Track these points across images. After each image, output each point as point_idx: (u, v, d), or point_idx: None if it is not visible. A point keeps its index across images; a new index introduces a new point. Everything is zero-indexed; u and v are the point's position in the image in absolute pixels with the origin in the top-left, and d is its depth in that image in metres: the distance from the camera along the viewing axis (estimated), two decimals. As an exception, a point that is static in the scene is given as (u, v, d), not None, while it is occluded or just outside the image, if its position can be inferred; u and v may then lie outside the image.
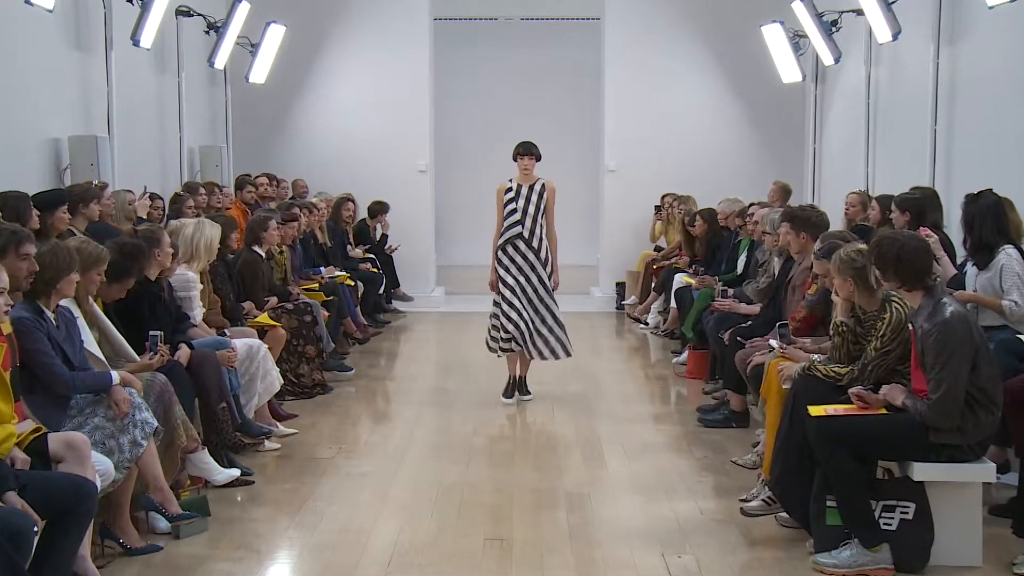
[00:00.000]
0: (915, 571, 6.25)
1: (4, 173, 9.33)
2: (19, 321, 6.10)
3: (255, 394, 8.95)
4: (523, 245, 10.45)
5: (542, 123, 17.77)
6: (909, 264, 6.33)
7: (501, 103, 18.87)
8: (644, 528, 7.13)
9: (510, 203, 10.48)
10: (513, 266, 10.48)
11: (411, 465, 8.58)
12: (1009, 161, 9.91)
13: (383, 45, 16.75)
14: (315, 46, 16.72)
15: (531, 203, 10.46)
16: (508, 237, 10.47)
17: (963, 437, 6.23)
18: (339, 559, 6.57)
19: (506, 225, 10.49)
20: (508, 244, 10.48)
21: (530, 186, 10.50)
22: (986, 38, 10.88)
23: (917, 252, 6.39)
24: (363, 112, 16.83)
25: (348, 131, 16.83)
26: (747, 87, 16.77)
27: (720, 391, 10.20)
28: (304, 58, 16.65)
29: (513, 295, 10.42)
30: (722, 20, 16.64)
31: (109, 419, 6.44)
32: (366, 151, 16.68)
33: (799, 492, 6.65)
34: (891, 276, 6.34)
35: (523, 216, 10.43)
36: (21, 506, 4.99)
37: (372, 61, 16.80)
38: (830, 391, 6.73)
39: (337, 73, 16.93)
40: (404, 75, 16.84)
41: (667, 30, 16.84)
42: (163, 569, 6.35)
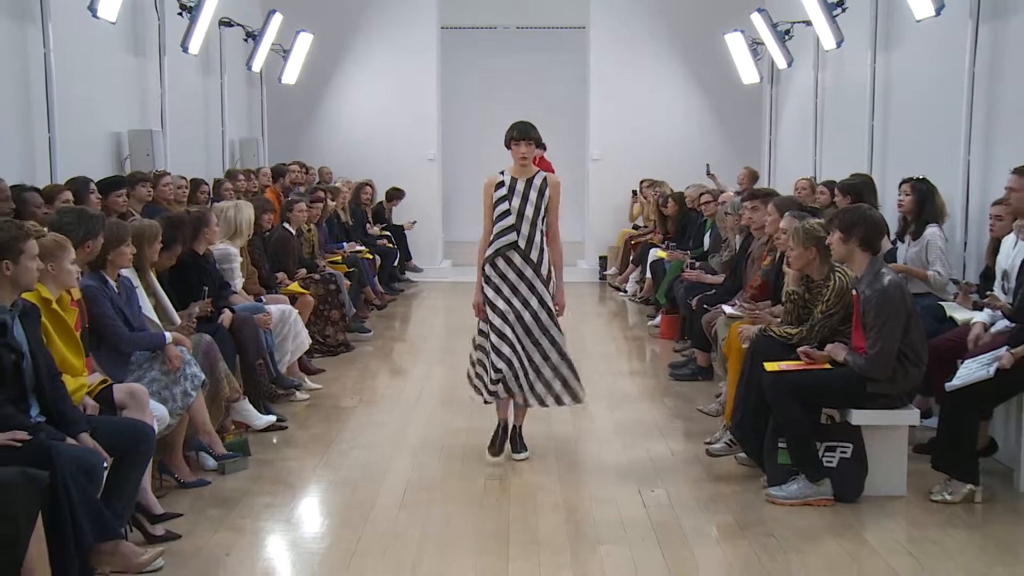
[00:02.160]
0: (851, 501, 6.32)
1: (74, 162, 9.38)
2: (87, 289, 6.18)
3: (287, 352, 8.98)
4: (518, 257, 7.17)
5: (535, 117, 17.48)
6: (872, 227, 6.44)
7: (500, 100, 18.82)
8: (623, 467, 7.16)
9: (501, 202, 7.17)
10: (505, 285, 7.21)
11: (422, 414, 8.60)
12: (933, 152, 9.93)
13: (397, 50, 16.71)
14: (339, 51, 16.67)
15: (528, 202, 7.16)
16: (499, 247, 7.19)
17: (894, 387, 6.33)
18: (360, 493, 6.60)
19: (496, 231, 7.20)
20: (498, 256, 7.19)
21: (528, 180, 7.20)
22: (915, 47, 10.87)
23: (877, 220, 6.55)
24: (380, 108, 16.79)
25: (367, 124, 16.80)
26: (712, 87, 16.72)
27: (688, 349, 10.20)
28: (329, 62, 16.61)
29: (505, 323, 7.19)
30: (691, 29, 16.58)
31: (164, 373, 6.50)
32: (382, 142, 16.65)
33: (755, 435, 6.71)
34: (855, 236, 6.37)
35: (518, 219, 7.15)
36: (93, 446, 5.03)
37: (388, 64, 16.75)
38: (782, 349, 6.75)
39: (358, 74, 16.88)
40: (415, 76, 16.82)
41: (644, 37, 16.79)
42: (211, 500, 6.39)
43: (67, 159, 9.33)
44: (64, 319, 5.62)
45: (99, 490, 4.94)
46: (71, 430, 5.05)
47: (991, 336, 6.71)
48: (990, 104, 9.10)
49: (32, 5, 9.13)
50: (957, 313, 7.54)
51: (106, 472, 5.07)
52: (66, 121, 9.44)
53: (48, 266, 5.48)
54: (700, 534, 5.93)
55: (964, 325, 7.13)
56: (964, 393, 6.35)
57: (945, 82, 9.82)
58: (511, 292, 7.19)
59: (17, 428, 4.72)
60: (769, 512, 6.25)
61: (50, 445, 4.69)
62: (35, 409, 5.06)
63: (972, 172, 9.21)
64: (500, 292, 7.21)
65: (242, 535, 5.86)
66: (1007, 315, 6.66)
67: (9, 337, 4.93)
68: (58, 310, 5.58)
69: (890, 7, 11.29)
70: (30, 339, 5.07)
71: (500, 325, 7.20)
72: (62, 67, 9.36)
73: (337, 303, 10.95)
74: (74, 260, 5.62)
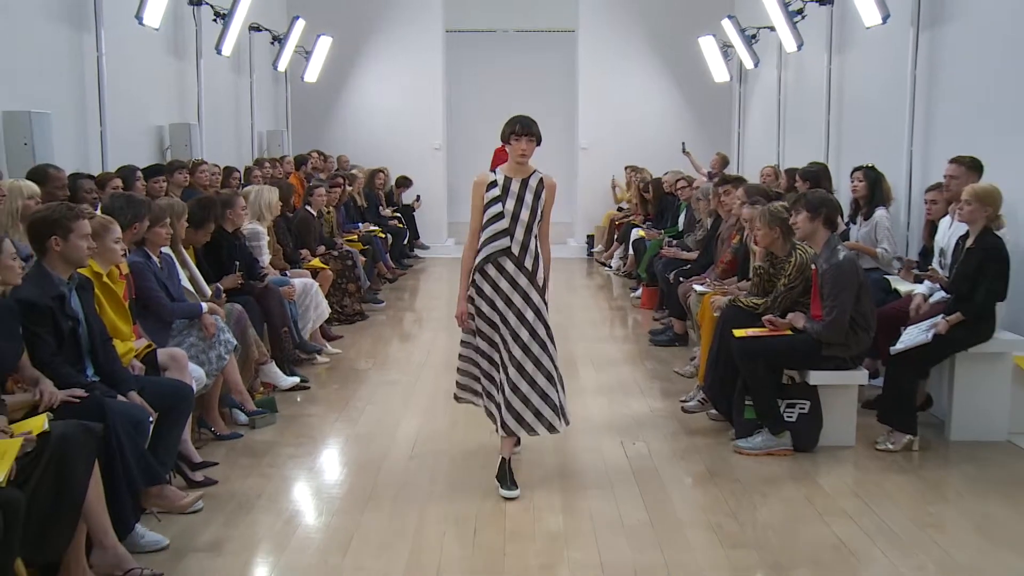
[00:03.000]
0: (808, 451, 6.38)
1: (123, 152, 9.47)
2: (133, 264, 6.22)
3: (309, 320, 9.02)
4: (511, 264, 5.77)
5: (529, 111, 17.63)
6: (833, 208, 6.51)
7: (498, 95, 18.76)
8: (607, 422, 7.19)
9: (494, 204, 5.82)
10: (499, 296, 5.77)
11: (429, 375, 8.60)
12: (881, 144, 9.96)
13: (407, 51, 16.69)
14: (355, 52, 16.64)
15: (524, 205, 5.81)
16: (490, 253, 5.79)
17: (846, 351, 6.39)
18: (374, 445, 6.65)
19: (487, 235, 5.83)
20: (489, 263, 5.80)
21: (523, 181, 5.84)
22: (864, 51, 10.92)
23: (835, 202, 6.61)
24: (391, 103, 16.77)
25: (380, 117, 16.79)
26: (687, 84, 16.70)
27: (666, 318, 10.22)
28: (346, 62, 16.58)
29: (492, 346, 5.84)
30: (669, 32, 16.54)
31: (201, 339, 6.51)
32: (394, 133, 16.65)
33: (725, 394, 6.76)
34: (820, 215, 6.41)
35: (512, 223, 5.79)
36: (140, 402, 5.07)
37: (398, 63, 16.73)
38: (749, 318, 6.79)
39: (372, 73, 16.85)
40: (423, 74, 16.80)
41: (627, 40, 16.76)
42: (243, 451, 6.44)
43: (116, 150, 9.41)
44: (114, 291, 5.66)
45: (146, 441, 4.98)
46: (121, 388, 5.08)
47: (930, 306, 6.77)
48: (929, 101, 9.18)
49: (87, 15, 9.22)
50: (901, 285, 7.60)
51: (152, 425, 5.10)
52: (115, 116, 9.50)
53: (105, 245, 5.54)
54: (675, 480, 5.96)
55: (907, 296, 7.17)
56: (906, 355, 6.44)
57: (891, 82, 9.88)
58: (505, 303, 5.75)
59: (75, 386, 4.75)
60: (736, 461, 6.29)
61: (104, 401, 4.73)
62: (90, 370, 5.10)
63: (914, 161, 9.30)
64: (495, 304, 5.78)
65: (270, 481, 5.90)
66: (944, 287, 6.71)
67: (67, 307, 4.97)
68: (109, 283, 5.62)
69: (843, 15, 11.31)
70: (85, 308, 5.11)
71: (487, 349, 5.86)
72: (112, 69, 9.44)
73: (353, 277, 10.97)
74: (118, 239, 5.63)
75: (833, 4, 11.52)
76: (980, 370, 6.63)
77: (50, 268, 4.97)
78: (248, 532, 5.13)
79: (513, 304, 5.75)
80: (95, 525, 4.39)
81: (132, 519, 4.74)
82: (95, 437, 4.31)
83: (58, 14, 8.83)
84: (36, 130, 7.74)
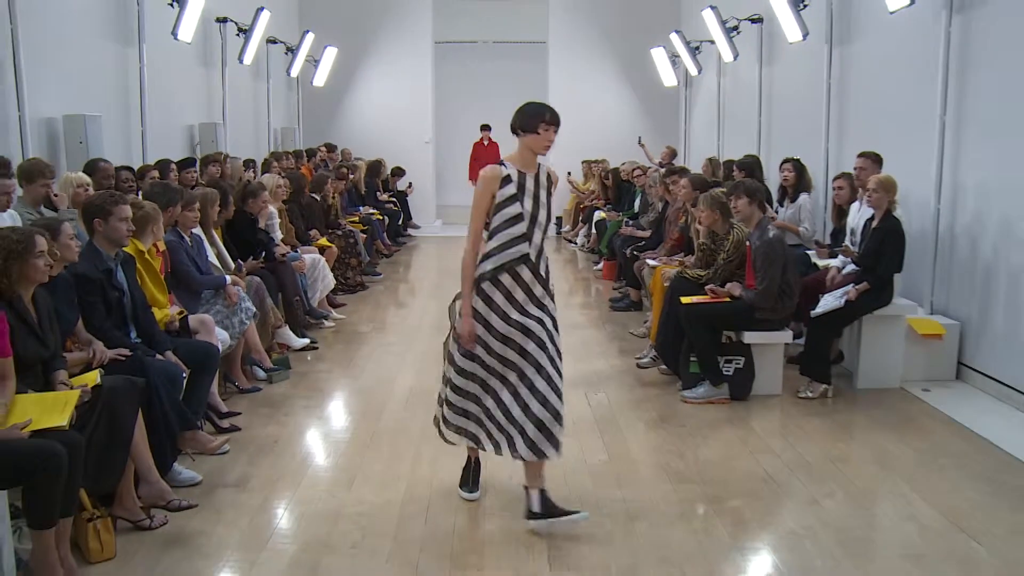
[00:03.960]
0: (743, 399, 6.47)
1: (159, 147, 9.50)
2: (169, 243, 6.24)
3: (318, 290, 9.01)
4: (528, 272, 4.41)
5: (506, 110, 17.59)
6: (765, 193, 6.65)
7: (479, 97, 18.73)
8: (573, 377, 7.01)
9: (510, 204, 4.35)
10: (513, 308, 4.40)
11: (422, 338, 8.59)
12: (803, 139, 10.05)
13: (401, 59, 16.59)
14: (356, 61, 16.52)
15: (540, 204, 4.45)
16: (506, 260, 4.36)
17: (775, 314, 6.46)
18: (375, 397, 6.67)
19: (503, 240, 4.35)
20: (504, 272, 4.37)
21: (535, 177, 4.48)
22: (790, 63, 11.02)
23: (766, 189, 6.79)
24: (388, 103, 16.67)
25: (378, 116, 16.69)
26: (642, 88, 16.65)
27: (623, 287, 10.24)
28: (349, 69, 16.46)
29: (505, 364, 4.39)
30: (626, 44, 16.46)
31: (225, 306, 6.53)
32: (390, 129, 16.56)
33: (673, 352, 6.80)
34: (754, 199, 6.45)
35: (531, 226, 4.39)
36: (175, 360, 5.12)
37: (394, 70, 16.63)
38: (694, 287, 6.85)
39: (370, 78, 16.73)
40: (415, 79, 16.70)
41: (590, 49, 16.68)
42: (263, 402, 6.46)
43: (154, 146, 9.45)
44: (152, 266, 5.69)
45: (180, 393, 5.04)
46: (159, 349, 5.12)
47: (843, 277, 6.83)
48: (842, 104, 9.34)
49: (132, 32, 9.30)
50: (819, 261, 7.66)
51: (185, 380, 5.15)
52: (154, 117, 9.52)
53: (151, 228, 5.61)
54: (631, 426, 6.02)
55: (824, 269, 7.24)
56: (823, 318, 6.55)
57: (810, 88, 10.01)
58: (520, 313, 4.39)
59: (121, 347, 4.80)
60: (683, 409, 6.36)
61: (144, 359, 4.78)
62: (133, 333, 5.14)
63: (830, 154, 9.42)
64: (507, 316, 4.37)
65: (286, 428, 5.95)
66: (855, 261, 6.78)
67: (114, 279, 5.02)
68: (148, 259, 5.64)
69: (771, 32, 11.39)
70: (128, 281, 5.14)
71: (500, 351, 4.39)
72: (151, 77, 9.47)
73: (355, 253, 10.96)
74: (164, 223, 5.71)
75: (763, 22, 11.59)
76: (881, 330, 6.73)
77: (98, 246, 5.01)
78: (268, 471, 5.18)
79: (530, 316, 4.40)
80: (141, 462, 4.47)
81: (170, 459, 4.81)
82: (138, 389, 4.37)
83: (106, 32, 8.92)
84: (90, 130, 7.83)
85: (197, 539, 4.31)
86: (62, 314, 4.48)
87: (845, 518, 4.57)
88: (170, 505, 4.53)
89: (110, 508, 4.28)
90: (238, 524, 4.48)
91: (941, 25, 7.23)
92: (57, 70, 7.92)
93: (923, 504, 4.73)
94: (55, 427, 3.73)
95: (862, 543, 4.23)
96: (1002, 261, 6.63)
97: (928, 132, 7.42)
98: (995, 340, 6.69)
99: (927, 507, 4.69)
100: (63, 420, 3.77)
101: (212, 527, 4.43)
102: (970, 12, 7.03)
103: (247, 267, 7.59)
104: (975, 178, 6.99)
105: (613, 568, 4.07)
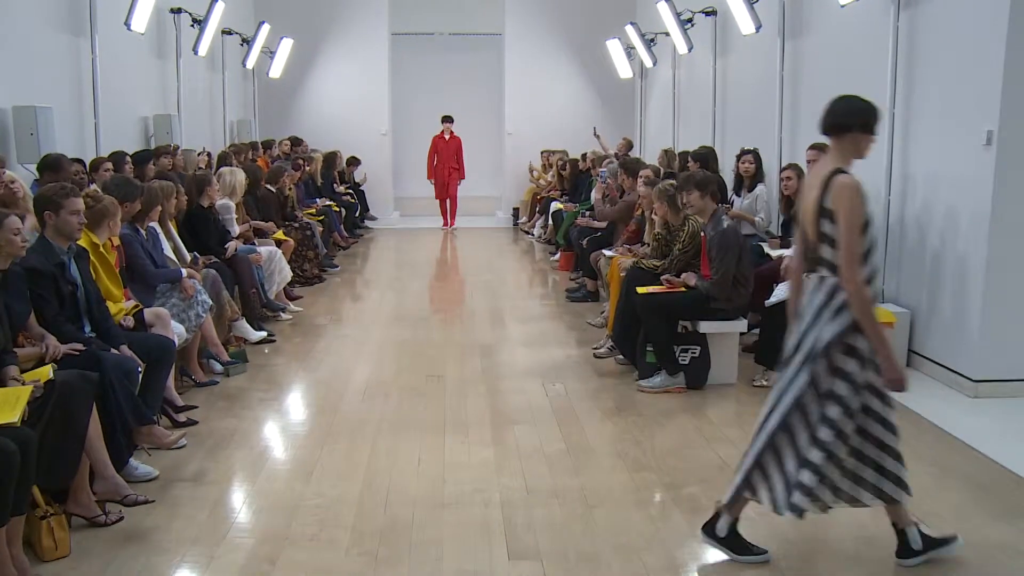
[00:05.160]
0: (698, 388, 6.54)
1: (113, 140, 9.32)
2: (124, 236, 6.16)
3: (274, 283, 8.96)
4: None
5: (463, 102, 17.77)
6: (717, 185, 6.67)
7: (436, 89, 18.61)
8: (531, 367, 7.25)
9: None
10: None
11: (378, 329, 8.62)
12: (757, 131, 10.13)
13: (358, 51, 16.47)
14: (313, 52, 16.38)
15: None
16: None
17: (730, 304, 6.51)
18: (332, 389, 6.68)
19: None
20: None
21: None
22: (743, 54, 11.11)
23: (719, 180, 6.80)
24: (344, 95, 16.55)
25: (334, 108, 16.55)
26: (598, 79, 16.67)
27: (580, 278, 10.26)
28: (305, 60, 16.29)
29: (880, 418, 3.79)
30: (581, 35, 16.48)
31: (181, 299, 6.49)
32: (347, 121, 16.44)
33: (630, 342, 6.86)
34: (705, 191, 6.45)
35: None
36: (130, 355, 5.07)
37: (350, 62, 16.50)
38: (650, 277, 6.90)
39: (327, 70, 16.59)
40: (372, 71, 16.58)
41: (546, 42, 16.68)
42: (219, 395, 6.44)
43: (108, 138, 9.27)
44: (107, 259, 5.63)
45: (136, 387, 4.99)
46: (114, 343, 5.08)
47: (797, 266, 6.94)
48: (794, 97, 9.44)
49: (83, 22, 9.08)
50: (771, 251, 7.74)
51: (140, 374, 5.10)
52: (107, 109, 9.35)
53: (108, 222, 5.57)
54: (589, 415, 6.06)
55: (777, 259, 7.27)
56: (777, 307, 6.59)
57: (764, 81, 10.10)
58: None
59: (75, 341, 4.76)
60: (639, 398, 6.40)
61: (99, 354, 4.73)
62: (87, 327, 5.09)
63: (784, 146, 9.52)
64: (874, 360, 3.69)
65: (243, 421, 5.93)
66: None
67: (67, 273, 4.96)
68: (103, 252, 5.59)
69: (725, 24, 11.47)
70: (82, 274, 5.09)
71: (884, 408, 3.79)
72: (104, 68, 9.29)
73: (312, 245, 10.93)
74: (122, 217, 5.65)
75: (717, 15, 11.67)
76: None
77: (50, 239, 4.95)
78: (225, 464, 5.16)
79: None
80: (96, 458, 4.42)
81: (126, 454, 4.77)
82: (92, 384, 4.32)
83: (58, 22, 8.74)
84: (40, 122, 7.69)
85: (154, 534, 4.28)
86: (13, 308, 4.43)
87: (799, 503, 4.61)
88: (126, 500, 4.49)
89: (64, 505, 4.24)
90: (195, 518, 4.45)
91: (890, 19, 7.34)
92: (6, 60, 7.78)
93: (874, 489, 4.78)
94: (6, 423, 3.69)
95: (814, 524, 4.28)
96: (949, 250, 6.75)
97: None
98: (944, 327, 6.81)
99: (878, 492, 4.75)
100: (14, 416, 3.73)
101: (169, 522, 4.40)
102: (917, 7, 7.15)
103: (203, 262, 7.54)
104: (923, 169, 7.11)
105: (572, 555, 4.10)
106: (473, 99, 18.39)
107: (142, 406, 4.97)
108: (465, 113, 15.51)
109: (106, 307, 5.28)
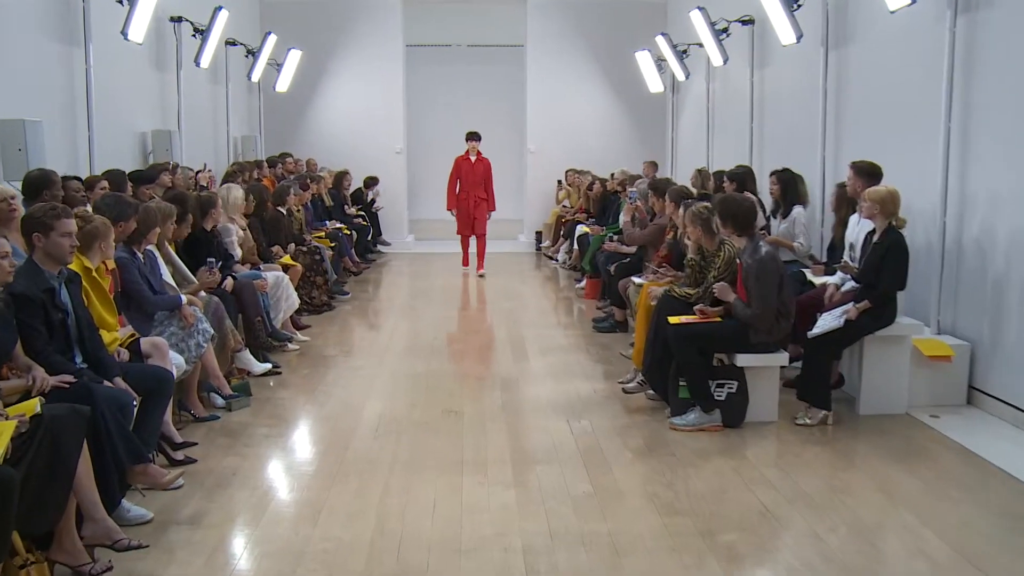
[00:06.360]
0: (736, 426, 6.45)
1: (109, 156, 9.37)
2: (119, 260, 6.15)
3: (281, 311, 8.95)
4: None
5: (482, 117, 17.84)
6: (743, 217, 6.51)
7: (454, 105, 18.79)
8: (554, 402, 7.19)
9: None
10: None
11: (391, 360, 8.59)
12: (799, 149, 10.10)
13: (371, 63, 16.59)
14: (322, 65, 16.50)
15: None
16: None
17: (770, 336, 6.44)
18: (341, 426, 6.63)
19: None
20: None
21: None
22: (782, 66, 11.10)
23: (747, 209, 6.58)
24: (356, 110, 16.65)
25: (346, 124, 16.66)
26: (626, 94, 16.74)
27: (608, 307, 10.23)
28: (315, 73, 16.43)
29: None
30: (608, 47, 16.57)
31: (180, 328, 6.47)
32: (359, 138, 16.54)
33: (661, 376, 6.76)
34: (729, 224, 6.49)
35: None
36: (124, 387, 5.04)
37: (363, 75, 16.62)
38: (682, 306, 6.82)
39: (338, 83, 16.72)
40: (386, 85, 16.69)
41: (570, 54, 16.77)
42: (220, 432, 6.41)
43: (103, 154, 9.32)
44: (101, 284, 5.61)
45: (131, 423, 4.95)
46: (107, 374, 5.05)
47: (841, 294, 6.85)
48: (839, 111, 9.39)
49: (77, 31, 9.14)
50: (815, 278, 7.67)
51: (135, 408, 5.06)
52: (102, 123, 9.40)
53: (99, 244, 5.55)
54: (617, 455, 5.99)
55: (821, 286, 7.24)
56: (821, 339, 6.54)
57: (805, 94, 10.07)
58: None
59: (65, 373, 4.72)
60: (671, 437, 6.32)
61: (91, 386, 4.69)
62: (78, 357, 5.06)
63: (827, 165, 9.47)
64: None
65: (246, 459, 5.88)
66: (854, 277, 6.79)
67: (57, 299, 4.93)
68: (96, 277, 5.57)
69: (763, 34, 11.46)
70: (73, 301, 5.06)
71: None
72: (99, 80, 9.35)
73: (321, 270, 10.93)
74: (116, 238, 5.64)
75: (754, 24, 11.66)
76: (885, 351, 6.73)
77: (39, 263, 4.93)
78: (226, 506, 5.12)
79: None
80: (85, 500, 4.37)
81: (119, 495, 4.72)
82: (83, 419, 4.28)
83: (50, 30, 8.76)
84: (29, 137, 7.68)
85: (146, 582, 4.23)
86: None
87: (849, 554, 4.54)
88: (117, 545, 4.45)
89: (47, 551, 4.18)
90: (192, 565, 4.40)
91: (945, 25, 7.27)
92: (-8, 70, 7.84)
93: (933, 539, 4.70)
94: (-14, 462, 3.65)
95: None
96: (1015, 275, 6.62)
97: (933, 139, 7.45)
98: (1008, 361, 6.68)
99: (938, 542, 4.66)
100: (-4, 454, 3.68)
101: (163, 569, 4.35)
102: (976, 12, 7.07)
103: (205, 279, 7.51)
104: (984, 187, 7.01)
105: (599, 610, 4.02)
106: (493, 115, 18.49)
107: (137, 443, 4.92)
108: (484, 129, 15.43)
109: (99, 336, 5.25)
